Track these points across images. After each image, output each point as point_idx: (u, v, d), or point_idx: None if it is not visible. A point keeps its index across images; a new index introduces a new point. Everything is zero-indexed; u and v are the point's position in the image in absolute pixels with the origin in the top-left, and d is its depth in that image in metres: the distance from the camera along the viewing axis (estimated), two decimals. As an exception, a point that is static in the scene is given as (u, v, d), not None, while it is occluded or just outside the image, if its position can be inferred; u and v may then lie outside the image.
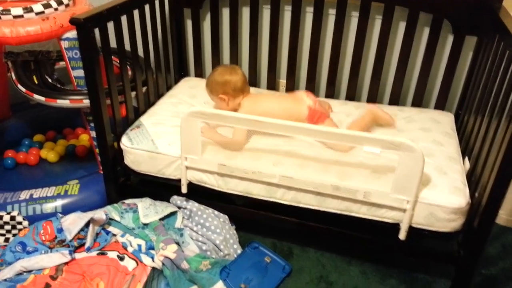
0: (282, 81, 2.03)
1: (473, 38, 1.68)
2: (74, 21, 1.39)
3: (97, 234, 1.57)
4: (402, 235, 1.38)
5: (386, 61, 1.83)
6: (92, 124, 1.66)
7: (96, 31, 1.46)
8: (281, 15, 1.88)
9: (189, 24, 2.03)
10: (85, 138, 2.19)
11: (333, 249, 1.66)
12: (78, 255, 1.50)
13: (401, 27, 1.77)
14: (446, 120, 1.71)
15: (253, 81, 2.02)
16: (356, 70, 1.84)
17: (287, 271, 1.56)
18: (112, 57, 1.72)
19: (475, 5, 1.59)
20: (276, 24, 1.86)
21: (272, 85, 2.00)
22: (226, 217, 1.66)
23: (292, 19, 1.83)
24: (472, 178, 1.40)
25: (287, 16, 1.87)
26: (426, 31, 1.74)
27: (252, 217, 1.61)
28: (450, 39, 1.72)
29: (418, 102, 1.82)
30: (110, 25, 1.51)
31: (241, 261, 1.56)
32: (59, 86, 1.80)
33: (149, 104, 1.85)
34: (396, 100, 1.85)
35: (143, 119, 1.71)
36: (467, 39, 1.67)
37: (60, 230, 1.54)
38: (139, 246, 1.53)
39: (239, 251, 1.60)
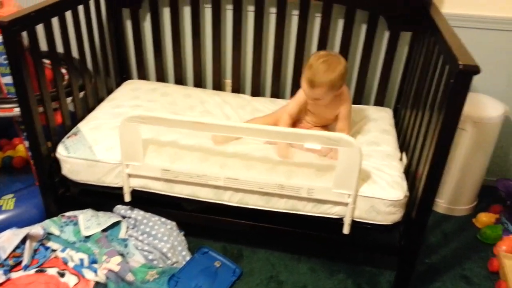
0: (228, 81, 2.01)
1: (408, 34, 1.74)
2: (-2, 25, 1.30)
3: (35, 251, 1.48)
4: (346, 229, 1.40)
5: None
6: (25, 134, 1.57)
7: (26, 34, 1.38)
8: (223, 15, 1.86)
9: (128, 24, 1.96)
10: (22, 148, 2.06)
11: (282, 248, 1.67)
12: (14, 275, 1.41)
13: (340, 24, 1.80)
14: (384, 116, 1.75)
15: (198, 81, 1.99)
16: (300, 69, 1.85)
17: (238, 274, 1.55)
18: (47, 61, 1.63)
19: (407, 1, 1.63)
20: (218, 23, 1.84)
21: (218, 85, 1.98)
22: (174, 223, 1.62)
23: (234, 18, 1.81)
24: (410, 171, 1.44)
25: (229, 15, 1.86)
26: (363, 28, 1.78)
27: (200, 221, 1.58)
28: (386, 35, 1.77)
29: (359, 98, 1.86)
30: (42, 27, 1.44)
31: (190, 268, 1.53)
32: (-13, 94, 1.69)
33: (88, 109, 1.77)
34: (339, 97, 1.88)
35: (81, 125, 1.63)
36: (402, 34, 1.73)
37: (-6, 249, 1.45)
38: (81, 260, 1.47)
39: (188, 258, 1.57)
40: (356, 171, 1.28)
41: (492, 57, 1.78)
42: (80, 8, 1.65)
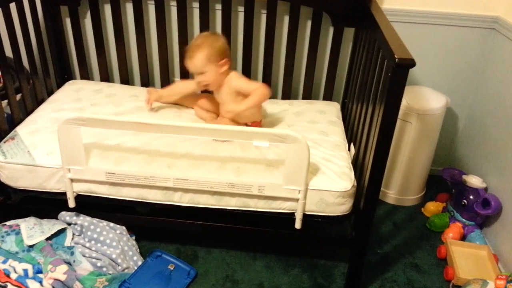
0: (177, 80, 1.97)
1: (351, 30, 1.77)
2: None
3: (-28, 264, 1.38)
4: (298, 224, 1.41)
5: (275, 56, 1.86)
6: (-44, 140, 1.46)
7: None
8: (167, 10, 1.81)
9: (68, 22, 1.87)
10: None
11: (237, 246, 1.66)
12: (-51, 292, 1.31)
13: (286, 21, 1.80)
14: (332, 109, 1.78)
15: (145, 80, 1.93)
16: (248, 66, 1.84)
17: (192, 275, 1.52)
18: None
19: (350, -2, 1.67)
20: (163, 20, 1.79)
21: (166, 84, 1.93)
22: (124, 228, 1.57)
23: (178, 15, 1.77)
24: (358, 162, 1.47)
25: (174, 11, 1.81)
26: (309, 25, 1.80)
27: (152, 224, 1.54)
28: (331, 31, 1.80)
29: (308, 94, 1.88)
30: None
31: (143, 272, 1.49)
32: None
33: (27, 112, 1.67)
34: (288, 94, 1.89)
35: (19, 129, 1.54)
36: (346, 30, 1.76)
37: None
38: (25, 271, 1.39)
39: (139, 262, 1.52)
40: (305, 166, 1.29)
41: (433, 51, 1.85)
42: (12, 6, 1.56)
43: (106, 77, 1.94)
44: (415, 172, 1.90)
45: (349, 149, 1.56)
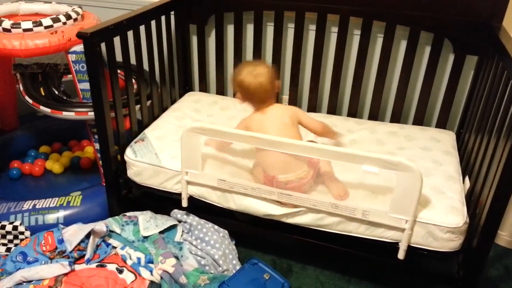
0: (285, 97, 2.05)
1: (473, 58, 1.69)
2: (81, 35, 1.43)
3: (97, 246, 1.57)
4: (401, 255, 1.37)
5: (387, 79, 1.84)
6: (96, 136, 1.69)
7: (104, 45, 1.49)
8: (284, 32, 1.91)
9: (194, 39, 2.06)
10: (90, 150, 2.21)
11: (332, 267, 1.65)
12: (77, 267, 1.50)
13: (403, 45, 1.78)
14: (447, 138, 1.70)
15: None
16: (358, 88, 1.85)
17: (286, 288, 1.55)
18: (118, 70, 1.76)
19: (475, 25, 1.60)
20: (280, 41, 1.89)
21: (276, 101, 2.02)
22: (226, 232, 1.66)
23: (295, 36, 1.85)
24: (472, 198, 1.39)
25: (290, 33, 1.90)
26: (427, 50, 1.75)
27: (252, 233, 1.61)
28: (451, 58, 1.73)
29: (420, 120, 1.82)
30: (117, 39, 1.55)
31: (240, 277, 1.55)
32: (65, 98, 1.84)
33: (153, 117, 1.87)
34: (397, 117, 1.85)
35: (147, 132, 1.73)
36: (468, 58, 1.68)
37: (61, 241, 1.55)
38: (139, 259, 1.54)
39: (238, 267, 1.59)
40: (416, 196, 1.25)
41: None
42: (153, 23, 1.77)
43: (221, 90, 2.09)
44: (535, 215, 1.72)
45: (463, 182, 1.47)
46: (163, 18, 1.85)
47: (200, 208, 1.61)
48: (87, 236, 1.55)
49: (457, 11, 1.60)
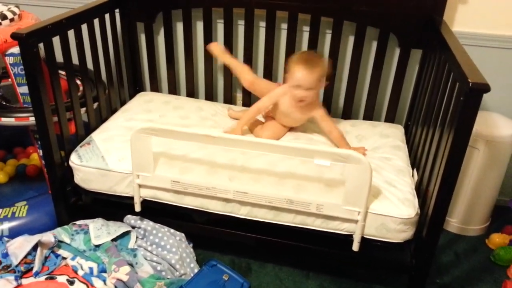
0: (239, 95, 2.03)
1: (418, 52, 1.74)
2: (15, 36, 1.35)
3: (46, 258, 1.50)
4: (355, 247, 1.39)
5: (337, 76, 1.86)
6: (40, 142, 1.60)
7: (42, 46, 1.42)
8: (235, 29, 1.88)
9: (142, 38, 2.00)
10: (36, 157, 2.10)
11: (291, 263, 1.66)
12: (25, 281, 1.42)
13: (350, 41, 1.81)
14: (396, 132, 1.75)
15: (209, 95, 2.01)
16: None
17: None
18: (63, 72, 1.67)
19: (418, 19, 1.65)
20: (230, 38, 1.86)
21: (229, 99, 2.00)
22: (183, 235, 1.62)
23: (245, 33, 1.84)
24: (421, 189, 1.43)
25: (241, 30, 1.88)
26: (374, 45, 1.79)
27: (209, 234, 1.59)
28: (397, 52, 1.77)
29: (370, 115, 1.86)
30: (57, 39, 1.48)
31: (198, 280, 1.52)
32: (4, 103, 1.73)
33: (102, 120, 1.80)
34: (348, 114, 1.88)
35: (94, 135, 1.66)
36: (413, 52, 1.73)
37: (6, 255, 1.47)
38: (91, 269, 1.48)
39: (196, 270, 1.57)
40: (366, 188, 1.28)
41: (504, 76, 1.77)
42: (96, 22, 1.70)
43: (173, 89, 2.04)
44: (480, 201, 1.81)
45: (412, 175, 1.52)
46: (107, 16, 1.77)
47: (154, 211, 1.57)
48: (34, 248, 1.47)
49: (401, 5, 1.64)
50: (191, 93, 2.03)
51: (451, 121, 1.20)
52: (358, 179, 1.27)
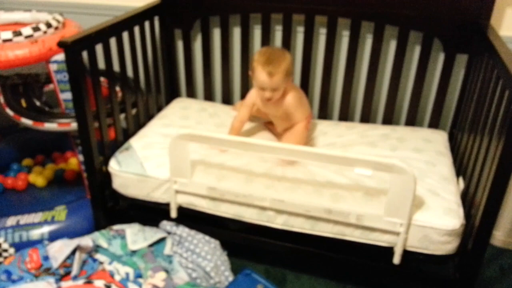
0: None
1: (464, 56, 1.67)
2: (62, 44, 1.38)
3: (83, 262, 1.52)
4: (396, 259, 1.34)
5: (378, 80, 1.82)
6: (80, 148, 1.63)
7: (86, 53, 1.45)
8: (272, 35, 1.87)
9: (180, 45, 2.02)
10: (74, 162, 2.15)
11: (327, 274, 1.62)
12: (64, 284, 1.44)
13: (392, 45, 1.76)
14: (439, 138, 1.68)
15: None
16: (348, 90, 1.82)
17: (280, 298, 1.51)
18: (102, 78, 1.71)
19: (464, 23, 1.58)
20: (268, 44, 1.85)
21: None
22: (218, 242, 1.61)
23: (283, 38, 1.82)
24: (467, 198, 1.36)
25: (278, 35, 1.87)
26: (417, 50, 1.73)
27: (244, 241, 1.56)
28: (441, 57, 1.71)
29: (411, 121, 1.80)
30: (100, 47, 1.51)
31: (233, 288, 1.51)
32: (47, 109, 1.78)
33: (139, 125, 1.82)
34: (389, 119, 1.83)
35: (133, 141, 1.68)
36: (458, 57, 1.67)
37: (46, 258, 1.50)
38: (127, 274, 1.48)
39: (230, 279, 1.55)
40: (410, 199, 1.22)
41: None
42: (136, 29, 1.73)
43: (209, 96, 2.05)
44: (529, 213, 1.71)
45: (457, 183, 1.45)
46: (146, 23, 1.80)
47: (189, 217, 1.57)
48: (73, 252, 1.49)
49: (446, 9, 1.58)
50: (226, 99, 2.03)
51: (501, 129, 1.14)
52: (402, 190, 1.22)
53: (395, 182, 1.22)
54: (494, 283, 1.61)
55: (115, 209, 1.69)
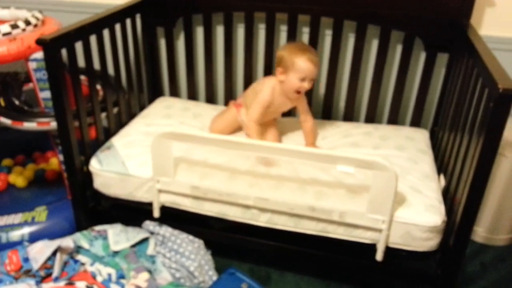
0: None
1: (445, 55, 1.70)
2: (40, 42, 1.36)
3: (65, 263, 1.49)
4: (379, 256, 1.35)
5: (360, 79, 1.83)
6: (60, 147, 1.60)
7: (65, 51, 1.42)
8: (255, 34, 1.87)
9: (162, 43, 2.00)
10: (55, 162, 2.12)
11: (311, 272, 1.62)
12: (45, 286, 1.42)
13: (374, 45, 1.78)
14: (421, 137, 1.70)
15: (228, 99, 1.99)
16: (331, 89, 1.83)
17: (265, 296, 1.51)
18: (83, 77, 1.68)
19: (445, 22, 1.61)
20: (251, 42, 1.85)
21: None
22: (202, 242, 1.60)
23: (266, 37, 1.82)
24: (448, 195, 1.38)
25: (262, 34, 1.87)
26: (399, 49, 1.75)
27: (228, 241, 1.56)
28: (422, 56, 1.73)
29: (394, 119, 1.82)
30: (80, 44, 1.48)
31: None
32: (26, 108, 1.75)
33: (121, 124, 1.80)
34: (372, 118, 1.84)
35: (114, 140, 1.66)
36: (439, 56, 1.69)
37: (27, 260, 1.47)
38: (109, 275, 1.46)
39: (214, 278, 1.54)
40: (391, 196, 1.24)
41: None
42: (117, 27, 1.70)
43: (192, 94, 2.03)
44: (508, 209, 1.74)
45: (438, 180, 1.47)
46: (128, 21, 1.78)
47: (172, 217, 1.55)
48: (54, 253, 1.47)
49: (427, 9, 1.60)
50: (210, 98, 2.02)
51: (480, 127, 1.16)
52: (383, 187, 1.23)
53: (376, 179, 1.23)
54: (475, 279, 1.64)
55: (96, 209, 1.67)
